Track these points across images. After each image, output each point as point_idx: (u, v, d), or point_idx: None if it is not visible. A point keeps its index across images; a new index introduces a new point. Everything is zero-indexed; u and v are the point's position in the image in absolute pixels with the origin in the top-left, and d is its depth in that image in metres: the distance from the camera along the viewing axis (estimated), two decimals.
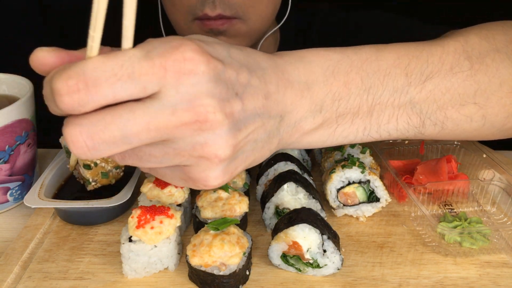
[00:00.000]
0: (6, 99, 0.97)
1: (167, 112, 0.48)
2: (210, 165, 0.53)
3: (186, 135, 0.50)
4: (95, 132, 0.47)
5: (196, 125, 0.49)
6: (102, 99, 0.46)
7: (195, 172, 0.54)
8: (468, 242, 0.80)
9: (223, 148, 0.52)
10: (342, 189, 0.87)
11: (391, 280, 0.74)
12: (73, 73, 0.45)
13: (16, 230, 0.87)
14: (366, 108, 0.66)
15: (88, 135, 0.47)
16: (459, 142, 1.05)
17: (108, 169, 0.78)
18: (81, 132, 0.47)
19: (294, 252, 0.74)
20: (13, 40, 1.95)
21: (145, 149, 0.52)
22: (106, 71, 0.46)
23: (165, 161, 0.53)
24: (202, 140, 0.51)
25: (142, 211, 0.73)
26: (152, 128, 0.48)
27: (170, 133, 0.49)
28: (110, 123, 0.47)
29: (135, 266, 0.73)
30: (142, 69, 0.46)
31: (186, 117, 0.48)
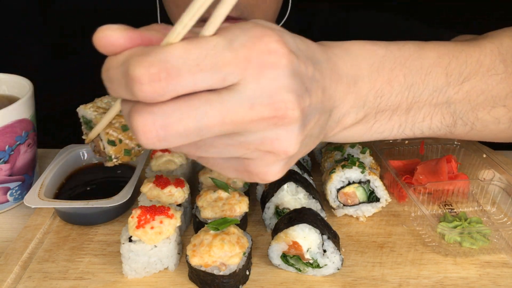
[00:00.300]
0: (6, 99, 0.97)
1: (245, 106, 0.46)
2: (275, 160, 0.52)
3: (259, 130, 0.48)
4: (170, 123, 0.44)
5: (273, 120, 0.47)
6: (181, 89, 0.44)
7: (256, 166, 0.53)
8: (468, 242, 0.80)
9: (293, 145, 0.50)
10: (342, 189, 0.87)
11: (391, 280, 0.74)
12: (156, 61, 0.42)
13: (16, 230, 0.87)
14: (405, 106, 0.66)
15: (162, 126, 0.44)
16: (459, 142, 1.05)
17: (131, 146, 0.75)
18: (154, 122, 0.44)
19: (294, 252, 0.74)
20: (13, 40, 1.95)
21: (207, 139, 0.49)
22: (189, 61, 0.43)
23: (226, 152, 0.51)
24: (273, 135, 0.49)
25: (142, 211, 0.73)
26: (228, 122, 0.46)
27: (245, 127, 0.47)
28: (186, 114, 0.44)
29: (135, 266, 0.73)
30: (225, 60, 0.44)
31: (264, 112, 0.46)
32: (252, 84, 0.45)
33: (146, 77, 0.42)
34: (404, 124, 0.68)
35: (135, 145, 0.74)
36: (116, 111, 0.63)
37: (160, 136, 0.45)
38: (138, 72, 0.42)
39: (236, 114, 0.46)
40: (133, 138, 0.73)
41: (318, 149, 1.05)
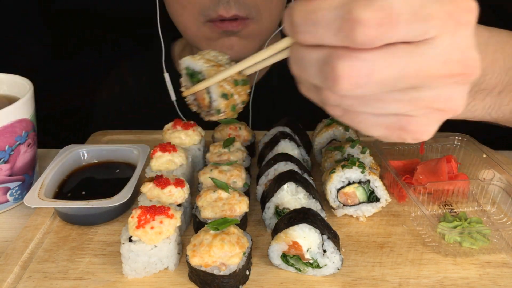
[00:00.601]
0: (6, 99, 0.97)
1: (440, 61, 0.46)
2: (439, 119, 0.52)
3: (438, 86, 0.48)
4: (375, 70, 0.45)
5: (459, 78, 0.47)
6: (394, 37, 0.44)
7: (417, 124, 0.52)
8: (468, 242, 0.80)
9: (462, 105, 0.51)
10: (342, 189, 0.87)
11: (391, 280, 0.74)
12: (383, 6, 0.42)
13: (16, 230, 0.87)
14: (499, 88, 0.69)
15: (368, 72, 0.45)
16: (459, 142, 1.05)
17: (237, 102, 0.73)
18: (361, 67, 0.44)
19: (294, 252, 0.74)
20: (13, 40, 1.95)
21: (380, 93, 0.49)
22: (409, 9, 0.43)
23: (390, 108, 0.50)
24: (448, 93, 0.49)
25: (142, 211, 0.73)
26: (421, 75, 0.46)
27: (430, 81, 0.47)
28: (391, 64, 0.45)
29: (135, 266, 0.73)
30: (434, 13, 0.44)
31: (456, 69, 0.47)
32: (448, 40, 0.45)
33: (372, 20, 0.42)
34: (493, 106, 0.71)
35: (241, 101, 0.73)
36: (235, 70, 0.65)
37: (360, 82, 0.45)
38: (365, 15, 0.42)
39: (430, 68, 0.46)
40: (241, 94, 0.72)
41: (318, 149, 1.05)
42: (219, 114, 0.73)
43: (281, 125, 1.05)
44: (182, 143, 1.01)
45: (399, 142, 0.58)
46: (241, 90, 0.70)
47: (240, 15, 1.08)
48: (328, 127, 1.03)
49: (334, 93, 0.49)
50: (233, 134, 1.05)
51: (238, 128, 1.06)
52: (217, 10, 1.07)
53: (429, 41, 0.45)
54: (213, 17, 1.09)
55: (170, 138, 1.01)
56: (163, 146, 0.93)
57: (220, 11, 1.07)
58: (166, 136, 1.02)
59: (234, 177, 0.88)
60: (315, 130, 1.09)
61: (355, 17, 0.42)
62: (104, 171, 0.99)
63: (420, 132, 0.53)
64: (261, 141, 1.06)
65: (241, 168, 0.90)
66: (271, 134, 1.03)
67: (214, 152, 0.98)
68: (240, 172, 0.89)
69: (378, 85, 0.46)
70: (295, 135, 1.03)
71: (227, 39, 1.13)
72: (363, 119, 0.53)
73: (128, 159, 1.00)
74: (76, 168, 0.98)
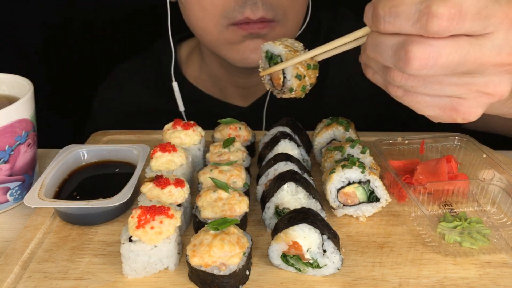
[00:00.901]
0: (6, 99, 0.97)
1: (494, 52, 0.56)
2: (485, 102, 0.62)
3: (490, 73, 0.59)
4: (440, 55, 0.55)
5: (508, 67, 0.58)
6: (460, 30, 0.54)
7: (467, 105, 0.62)
8: (468, 242, 0.80)
9: (508, 91, 0.61)
10: (342, 189, 0.87)
11: (391, 280, 0.74)
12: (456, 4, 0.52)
13: (16, 230, 0.87)
14: None
15: (436, 56, 0.55)
16: (459, 142, 1.05)
17: (307, 84, 0.84)
18: (430, 52, 0.55)
19: (294, 252, 0.74)
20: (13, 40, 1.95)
21: (440, 77, 0.59)
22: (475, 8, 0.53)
23: (446, 90, 0.61)
24: (497, 80, 0.59)
25: (142, 211, 0.73)
26: (478, 62, 0.56)
27: (483, 69, 0.58)
28: (455, 51, 0.55)
29: (135, 266, 0.73)
30: (494, 13, 0.54)
31: (506, 59, 0.57)
32: (503, 35, 0.56)
33: (446, 15, 0.52)
34: None
35: (309, 83, 0.84)
36: (311, 55, 0.78)
37: (429, 64, 0.56)
38: (440, 10, 0.52)
39: (486, 57, 0.56)
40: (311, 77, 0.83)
41: (318, 149, 1.05)
42: (291, 92, 0.85)
43: (281, 125, 1.05)
44: (182, 143, 1.01)
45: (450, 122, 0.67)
46: (312, 73, 0.83)
47: (267, 17, 1.06)
48: (328, 127, 1.03)
49: (403, 73, 0.60)
50: (233, 134, 1.05)
51: (238, 128, 1.06)
52: (243, 12, 1.05)
53: (488, 35, 0.56)
54: (238, 20, 1.07)
55: (170, 138, 1.01)
56: (163, 146, 0.93)
57: (246, 12, 1.05)
58: (166, 136, 1.02)
59: (234, 177, 0.88)
60: (315, 130, 1.09)
61: (433, 11, 0.52)
62: (104, 171, 0.99)
63: (469, 113, 0.63)
64: (261, 141, 1.06)
65: (241, 168, 0.90)
66: (271, 134, 1.03)
67: (214, 152, 0.98)
68: (240, 172, 0.89)
69: (442, 68, 0.56)
70: (295, 135, 1.03)
71: (251, 41, 1.11)
72: (421, 99, 0.64)
73: (128, 159, 1.00)
74: (76, 168, 0.98)
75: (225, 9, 1.05)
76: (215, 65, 1.34)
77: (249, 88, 1.37)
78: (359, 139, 0.99)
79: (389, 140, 1.05)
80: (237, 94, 1.40)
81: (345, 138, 1.00)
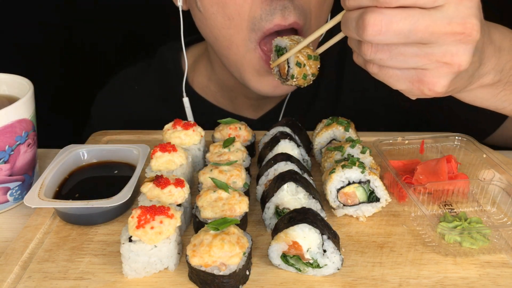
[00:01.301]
0: (6, 99, 0.97)
1: (445, 22, 0.62)
2: (447, 72, 0.67)
3: (445, 43, 0.64)
4: (392, 21, 0.62)
5: (460, 36, 0.64)
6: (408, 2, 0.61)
7: (430, 76, 0.68)
8: (468, 242, 0.80)
9: (466, 61, 0.66)
10: (342, 189, 0.87)
11: (391, 280, 0.74)
12: None
13: (16, 230, 0.87)
14: None
15: (386, 23, 0.62)
16: (459, 142, 1.05)
17: (308, 73, 0.92)
18: (382, 19, 0.62)
19: (294, 252, 0.74)
20: (13, 40, 1.95)
21: (402, 47, 0.66)
22: None
23: (410, 61, 0.67)
24: (454, 50, 0.65)
25: (142, 211, 0.73)
26: (429, 31, 0.63)
27: (437, 38, 0.63)
28: (405, 18, 0.62)
29: (135, 266, 0.73)
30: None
31: (457, 28, 0.63)
32: (453, 7, 0.62)
33: None
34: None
35: (311, 73, 0.93)
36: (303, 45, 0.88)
37: (382, 30, 0.63)
38: None
39: (436, 26, 0.62)
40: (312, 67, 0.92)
41: (318, 149, 1.05)
42: (293, 79, 0.93)
43: (281, 125, 1.05)
44: (182, 143, 1.01)
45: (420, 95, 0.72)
46: (313, 63, 0.92)
47: (299, 22, 0.99)
48: (328, 127, 1.03)
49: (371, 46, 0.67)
50: (233, 134, 1.05)
51: (238, 128, 1.06)
52: (272, 19, 0.97)
53: (438, 7, 0.62)
54: (267, 29, 0.99)
55: (170, 138, 1.01)
56: (163, 146, 0.93)
57: (276, 19, 0.97)
58: (166, 136, 1.02)
59: (234, 177, 0.88)
60: (315, 130, 1.09)
61: None
62: (104, 171, 0.99)
63: (433, 83, 0.68)
64: (261, 141, 1.06)
65: (241, 168, 0.90)
66: (271, 134, 1.03)
67: (214, 152, 0.98)
68: (240, 172, 0.89)
69: (395, 35, 0.63)
70: (295, 135, 1.03)
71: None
72: (392, 73, 0.71)
73: (128, 159, 1.00)
74: (76, 168, 0.98)
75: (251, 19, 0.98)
76: (226, 74, 1.24)
77: (261, 99, 1.30)
78: (359, 139, 0.99)
79: (389, 140, 1.05)
80: (248, 105, 1.33)
81: (345, 138, 1.00)
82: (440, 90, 0.69)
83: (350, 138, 0.98)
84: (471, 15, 0.63)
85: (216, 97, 1.35)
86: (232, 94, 1.32)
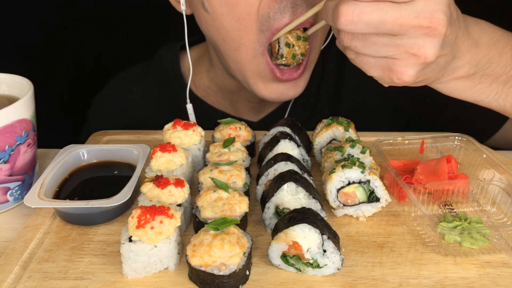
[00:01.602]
0: (6, 99, 0.97)
1: (412, 15, 0.67)
2: (414, 63, 0.72)
3: (413, 35, 0.69)
4: (364, 12, 0.67)
5: (427, 30, 0.68)
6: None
7: (399, 65, 0.72)
8: (468, 242, 0.80)
9: (432, 54, 0.71)
10: (342, 189, 0.87)
11: (391, 280, 0.74)
12: None
13: (16, 230, 0.87)
14: (504, 78, 0.86)
15: (358, 13, 0.67)
16: (459, 142, 1.05)
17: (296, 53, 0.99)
18: (354, 9, 0.67)
19: (294, 252, 0.74)
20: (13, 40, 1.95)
21: (374, 37, 0.71)
22: None
23: (381, 50, 0.72)
24: (421, 42, 0.70)
25: (142, 211, 0.73)
26: (398, 23, 0.67)
27: (405, 30, 0.68)
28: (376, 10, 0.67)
29: (135, 266, 0.73)
30: None
31: (424, 22, 0.68)
32: (422, 2, 0.67)
33: None
34: (499, 93, 0.88)
35: (300, 53, 1.00)
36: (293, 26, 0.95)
37: (353, 20, 0.68)
38: None
39: (404, 19, 0.67)
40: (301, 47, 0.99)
41: (318, 149, 1.05)
42: (282, 58, 1.01)
43: (281, 125, 1.05)
44: (182, 143, 1.01)
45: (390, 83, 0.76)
46: (301, 44, 0.99)
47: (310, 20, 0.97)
48: (328, 127, 1.03)
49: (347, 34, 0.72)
50: (233, 134, 1.05)
51: (238, 128, 1.06)
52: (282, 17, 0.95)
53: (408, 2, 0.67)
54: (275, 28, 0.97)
55: (170, 138, 1.01)
56: (163, 146, 0.93)
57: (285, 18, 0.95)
58: (166, 136, 1.02)
59: (234, 177, 0.88)
60: (315, 130, 1.09)
61: None
62: (104, 171, 0.99)
63: (401, 72, 0.73)
64: (261, 141, 1.06)
65: (241, 168, 0.90)
66: (271, 134, 1.03)
67: (214, 152, 0.98)
68: (240, 172, 0.89)
69: (366, 25, 0.68)
70: (295, 135, 1.03)
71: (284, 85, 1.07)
72: (366, 60, 0.75)
73: (128, 159, 1.00)
74: (76, 168, 0.98)
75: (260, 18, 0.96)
76: (227, 77, 1.23)
77: (262, 102, 1.30)
78: (359, 139, 0.99)
79: (389, 140, 1.05)
80: (249, 108, 1.33)
81: (345, 138, 1.00)
82: (407, 79, 0.73)
83: (350, 138, 0.99)
84: (438, 10, 0.68)
85: (216, 100, 1.35)
86: (233, 97, 1.31)
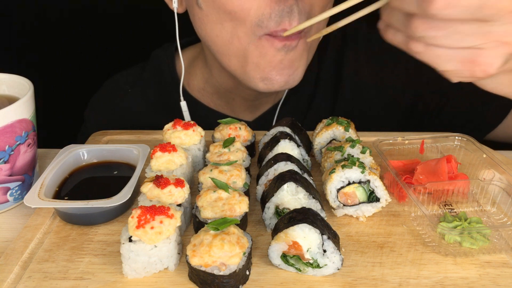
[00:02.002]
0: (6, 99, 0.97)
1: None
2: (503, 53, 0.65)
3: (508, 22, 0.62)
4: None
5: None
6: None
7: (486, 56, 0.65)
8: (468, 242, 0.80)
9: None
10: (342, 189, 0.87)
11: (391, 280, 0.74)
12: None
13: (16, 230, 0.87)
14: None
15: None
16: (459, 142, 1.05)
17: None
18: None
19: (294, 252, 0.74)
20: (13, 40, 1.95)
21: (459, 25, 0.63)
22: None
23: (466, 40, 0.64)
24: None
25: (142, 211, 0.73)
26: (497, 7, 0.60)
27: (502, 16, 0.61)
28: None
29: (135, 266, 0.73)
30: None
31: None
32: None
33: None
34: None
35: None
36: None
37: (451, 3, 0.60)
38: None
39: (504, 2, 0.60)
40: None
41: (318, 149, 1.05)
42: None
43: (281, 125, 1.05)
44: (182, 143, 1.01)
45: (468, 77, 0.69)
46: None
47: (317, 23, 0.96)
48: (328, 127, 1.03)
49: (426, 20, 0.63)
50: (233, 134, 1.05)
51: (238, 128, 1.06)
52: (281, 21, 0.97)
53: None
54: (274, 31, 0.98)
55: (170, 138, 1.01)
56: (163, 146, 0.93)
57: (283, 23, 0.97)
58: (166, 136, 1.02)
59: (234, 177, 0.88)
60: (315, 130, 1.09)
61: None
62: (104, 171, 0.99)
63: (487, 64, 0.66)
64: (261, 141, 1.06)
65: (241, 168, 0.90)
66: (271, 134, 1.03)
67: (214, 152, 0.98)
68: (240, 172, 0.89)
69: (463, 9, 0.60)
70: (295, 135, 1.03)
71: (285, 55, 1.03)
72: (441, 53, 0.66)
73: (128, 159, 1.00)
74: (76, 168, 0.98)
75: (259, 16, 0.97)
76: (223, 76, 1.24)
77: (258, 100, 1.31)
78: (359, 139, 0.99)
79: (389, 140, 1.05)
80: (245, 107, 1.34)
81: (345, 138, 1.00)
82: (493, 72, 0.67)
83: (350, 138, 0.99)
84: None
85: (212, 100, 1.35)
86: (229, 95, 1.32)
